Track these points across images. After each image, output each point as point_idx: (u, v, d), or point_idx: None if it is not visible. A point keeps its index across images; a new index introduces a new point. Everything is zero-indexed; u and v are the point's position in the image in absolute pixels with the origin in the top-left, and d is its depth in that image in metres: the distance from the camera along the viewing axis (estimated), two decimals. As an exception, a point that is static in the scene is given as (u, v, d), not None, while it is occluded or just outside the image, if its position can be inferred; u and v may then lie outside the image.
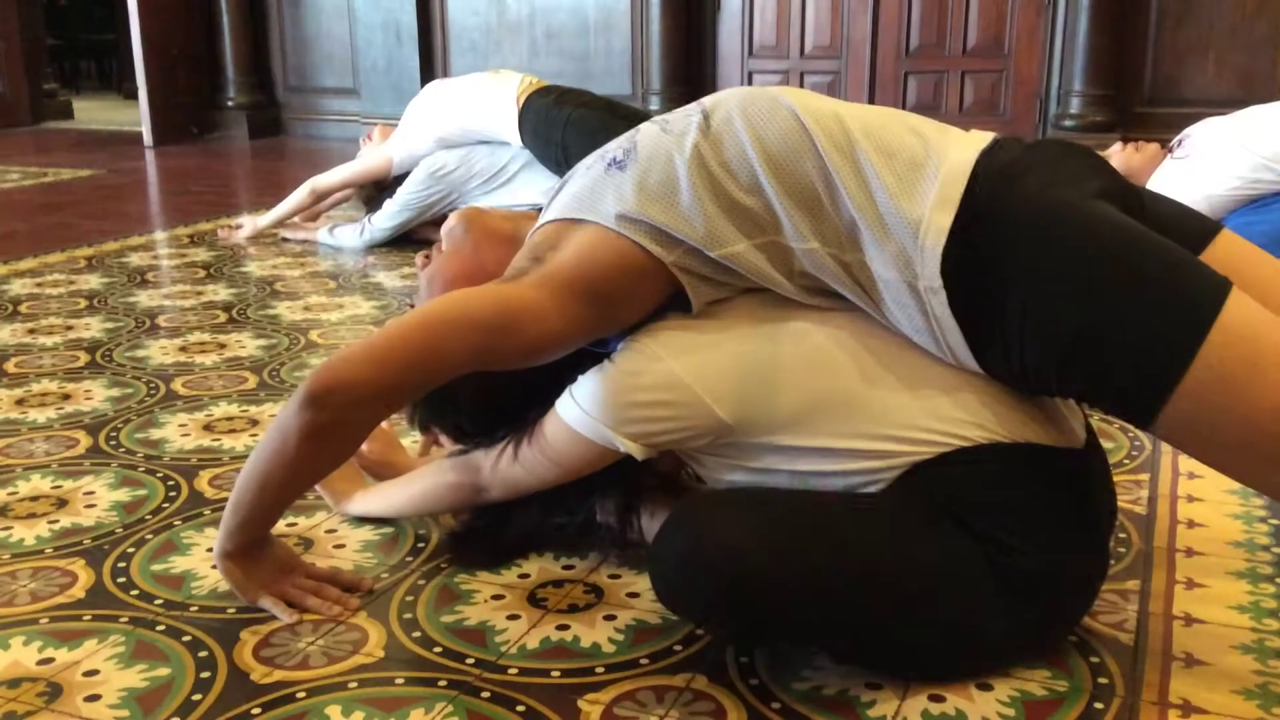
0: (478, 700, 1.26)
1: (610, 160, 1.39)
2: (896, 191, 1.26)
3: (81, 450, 2.01)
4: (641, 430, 1.35)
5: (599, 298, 1.32)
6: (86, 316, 2.90)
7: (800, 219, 1.29)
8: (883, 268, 1.27)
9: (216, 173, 5.65)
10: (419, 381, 1.33)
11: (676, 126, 1.38)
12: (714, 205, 1.31)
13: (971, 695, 1.26)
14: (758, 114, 1.34)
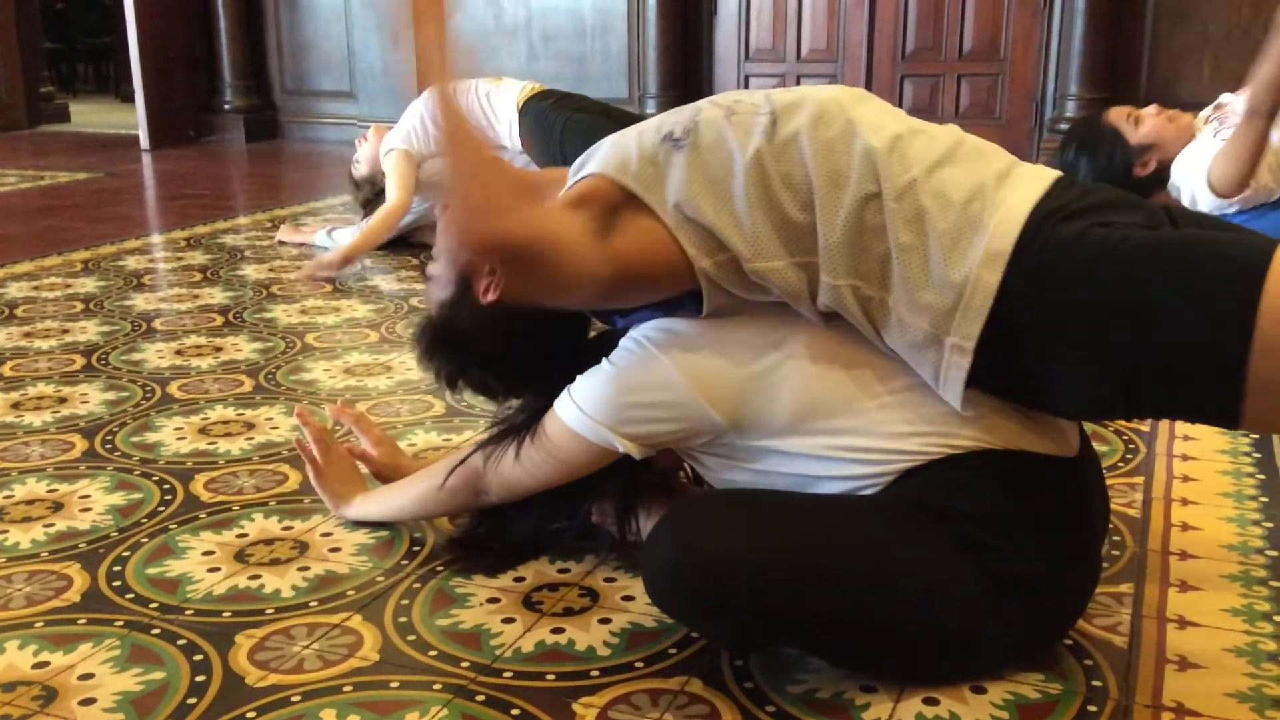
0: (472, 704, 1.26)
1: (667, 134, 1.34)
2: (948, 243, 1.22)
3: (77, 454, 2.01)
4: (639, 430, 1.36)
5: (633, 280, 1.33)
6: (83, 320, 2.90)
7: (841, 253, 1.26)
8: (910, 312, 1.24)
9: (213, 176, 5.65)
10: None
11: (741, 121, 1.33)
12: (765, 217, 1.28)
13: (965, 698, 1.27)
14: (826, 141, 1.28)
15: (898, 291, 1.25)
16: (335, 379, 2.41)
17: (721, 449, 1.37)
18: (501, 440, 1.49)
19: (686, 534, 1.23)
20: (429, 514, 1.66)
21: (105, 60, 10.67)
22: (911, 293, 1.24)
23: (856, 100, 1.34)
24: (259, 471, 1.92)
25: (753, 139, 1.30)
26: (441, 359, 1.52)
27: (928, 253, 1.23)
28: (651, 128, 1.38)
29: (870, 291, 1.26)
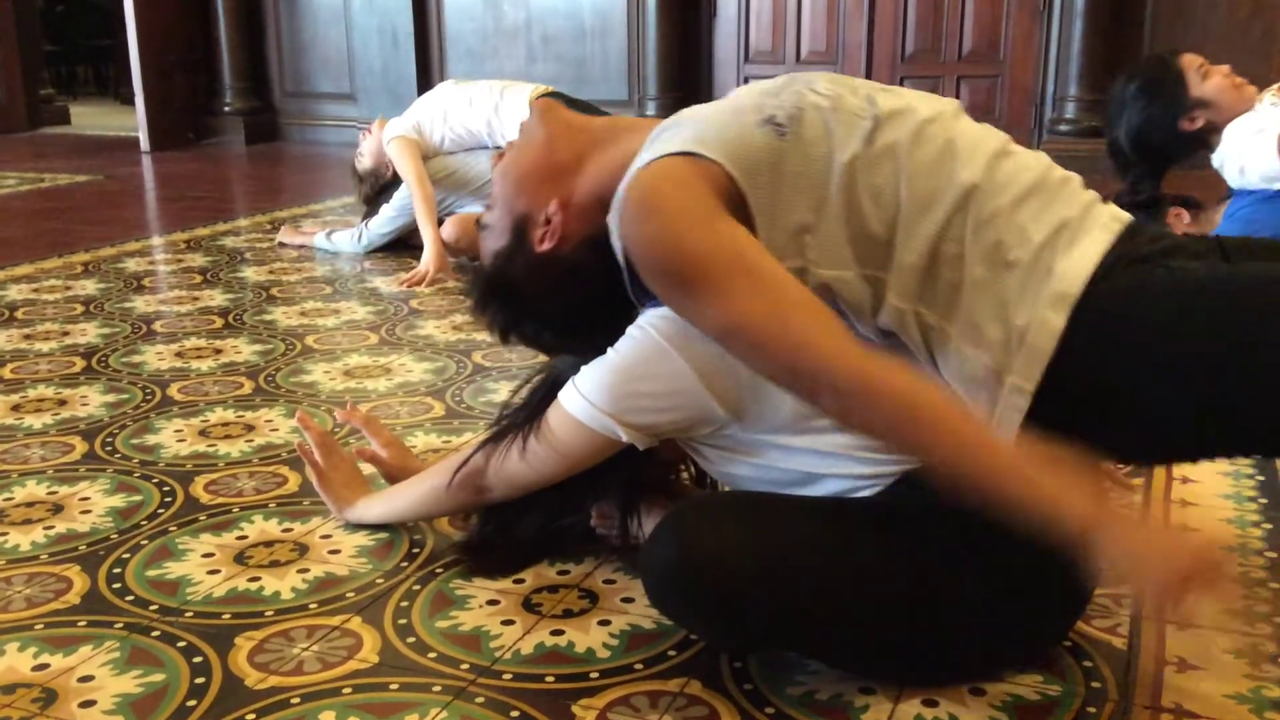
0: (472, 706, 1.26)
1: (769, 118, 1.25)
2: (1020, 282, 1.19)
3: (77, 456, 2.01)
4: (642, 420, 1.36)
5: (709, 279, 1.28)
6: (83, 322, 2.90)
7: (913, 277, 1.22)
8: (971, 346, 1.21)
9: (213, 178, 5.65)
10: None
11: (844, 120, 1.26)
12: (843, 225, 1.23)
13: (964, 700, 1.27)
14: (923, 162, 1.23)
15: (961, 323, 1.22)
16: (335, 381, 2.41)
17: (723, 441, 1.37)
18: (504, 436, 1.49)
19: (686, 537, 1.23)
20: (432, 514, 1.66)
21: (105, 62, 10.67)
22: (977, 327, 1.21)
23: (955, 115, 1.30)
24: (259, 473, 1.92)
25: (850, 144, 1.24)
26: (495, 310, 1.46)
27: (999, 289, 1.20)
28: (751, 106, 1.28)
29: (933, 320, 1.23)
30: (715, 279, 1.17)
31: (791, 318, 1.15)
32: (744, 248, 1.19)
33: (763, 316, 1.16)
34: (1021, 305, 1.19)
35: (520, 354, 2.59)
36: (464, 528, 1.68)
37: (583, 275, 1.37)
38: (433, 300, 3.12)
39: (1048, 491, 1.08)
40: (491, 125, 3.58)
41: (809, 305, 1.17)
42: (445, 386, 2.37)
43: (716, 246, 1.18)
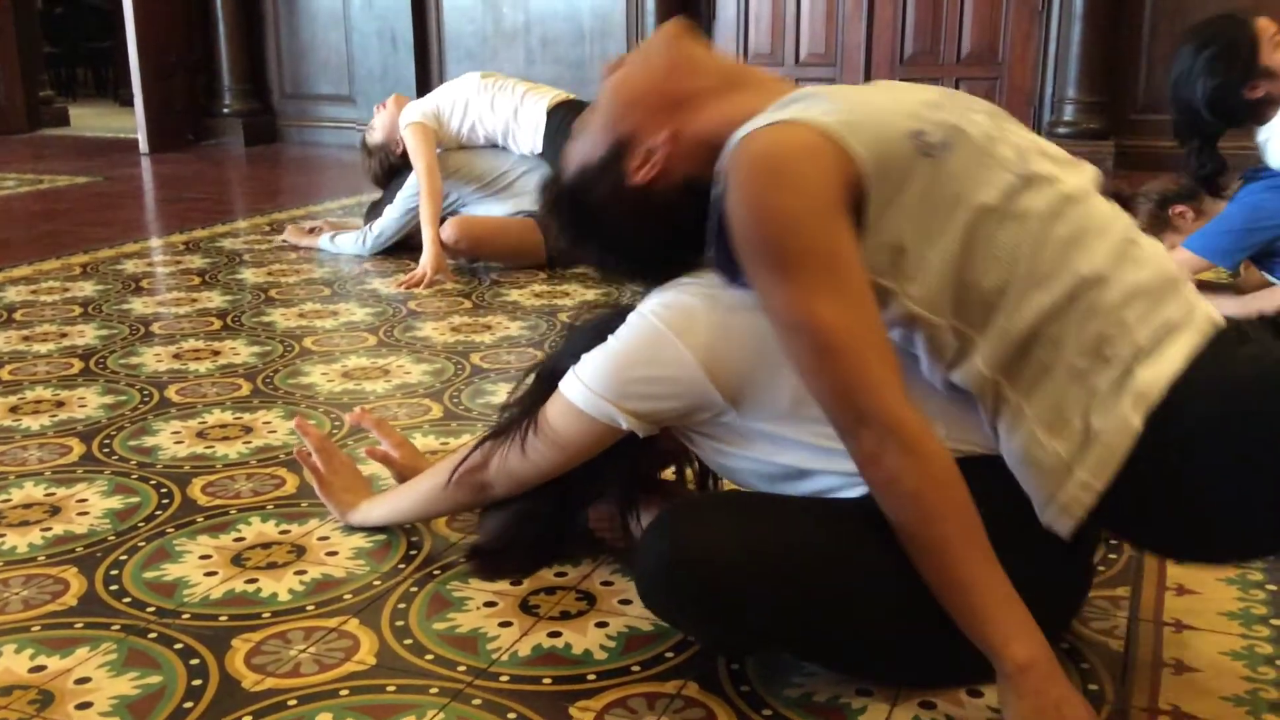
0: (469, 708, 1.26)
1: (920, 133, 1.19)
2: (1114, 378, 1.17)
3: (75, 457, 2.01)
4: (642, 407, 1.35)
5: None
6: (81, 323, 2.90)
7: (1008, 350, 1.19)
8: (1046, 432, 1.18)
9: (212, 180, 5.65)
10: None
11: (990, 164, 1.20)
12: (952, 270, 1.18)
13: (961, 701, 1.27)
14: (1056, 239, 1.19)
15: (1042, 407, 1.18)
16: (333, 382, 2.41)
17: (720, 430, 1.37)
18: (505, 431, 1.49)
19: (677, 538, 1.23)
20: (436, 513, 1.66)
21: (104, 64, 10.68)
22: (1059, 415, 1.18)
23: (1092, 192, 1.25)
24: (256, 475, 1.92)
25: (990, 190, 1.18)
26: (565, 221, 1.41)
27: (1091, 383, 1.17)
28: (907, 112, 1.21)
29: (1013, 396, 1.19)
30: (809, 272, 1.15)
31: (866, 344, 1.15)
32: (848, 255, 1.15)
33: (840, 330, 1.14)
34: (1108, 403, 1.16)
35: (518, 356, 2.59)
36: (465, 531, 1.68)
37: (667, 216, 1.32)
38: (431, 302, 3.12)
39: (999, 628, 1.13)
40: (509, 128, 3.58)
41: (884, 343, 1.16)
42: (443, 388, 2.37)
43: (824, 242, 1.15)
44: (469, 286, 3.29)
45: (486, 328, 2.85)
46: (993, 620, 1.13)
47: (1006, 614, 1.13)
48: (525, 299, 3.14)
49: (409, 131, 3.54)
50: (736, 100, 1.29)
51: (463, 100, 3.61)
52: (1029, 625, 1.13)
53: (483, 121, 3.60)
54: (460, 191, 3.60)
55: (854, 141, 1.17)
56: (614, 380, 1.36)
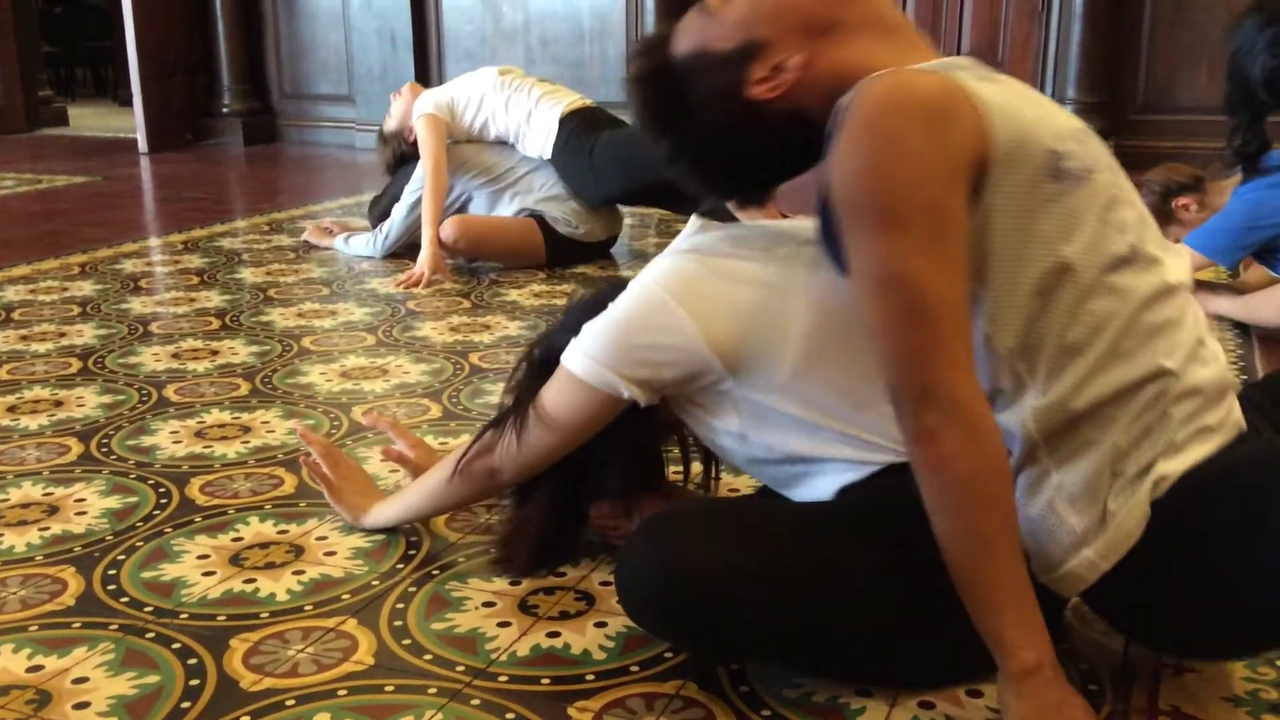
0: (467, 708, 1.26)
1: (1060, 154, 1.12)
2: (1144, 463, 1.16)
3: (73, 457, 2.01)
4: (643, 374, 1.34)
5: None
6: (79, 323, 2.90)
7: (1060, 418, 1.15)
8: (1067, 506, 1.16)
9: (211, 179, 5.65)
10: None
11: (1109, 220, 1.15)
12: (1033, 312, 1.14)
13: (961, 701, 1.27)
14: (1143, 328, 1.15)
15: (1071, 479, 1.16)
16: (332, 382, 2.41)
17: (720, 402, 1.35)
18: (505, 416, 1.48)
19: (657, 549, 1.21)
20: (447, 507, 1.64)
21: (104, 64, 10.67)
22: (1087, 491, 1.15)
23: (1186, 283, 1.21)
24: (255, 475, 1.92)
25: (1096, 250, 1.13)
26: (653, 99, 1.31)
27: (1120, 467, 1.15)
28: (1053, 129, 1.14)
29: (1046, 460, 1.17)
30: (918, 230, 1.08)
31: (953, 317, 1.09)
32: (959, 225, 1.09)
33: (932, 296, 1.08)
34: (1129, 489, 1.15)
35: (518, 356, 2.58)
36: (463, 530, 1.68)
37: (767, 140, 1.24)
38: (430, 301, 3.12)
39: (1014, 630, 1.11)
40: (520, 130, 3.57)
41: (968, 322, 1.11)
42: (442, 388, 2.37)
43: (943, 202, 1.08)
44: (468, 286, 3.29)
45: (485, 327, 2.85)
46: (1010, 621, 1.11)
47: (1024, 617, 1.11)
48: (524, 299, 3.14)
49: (421, 123, 3.52)
50: (883, 48, 1.20)
51: (478, 96, 3.60)
52: (1041, 629, 1.12)
53: (495, 120, 3.59)
54: (466, 185, 3.58)
55: (997, 120, 1.10)
56: (616, 347, 1.35)
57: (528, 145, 3.57)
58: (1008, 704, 1.13)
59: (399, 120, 3.74)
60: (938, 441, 1.09)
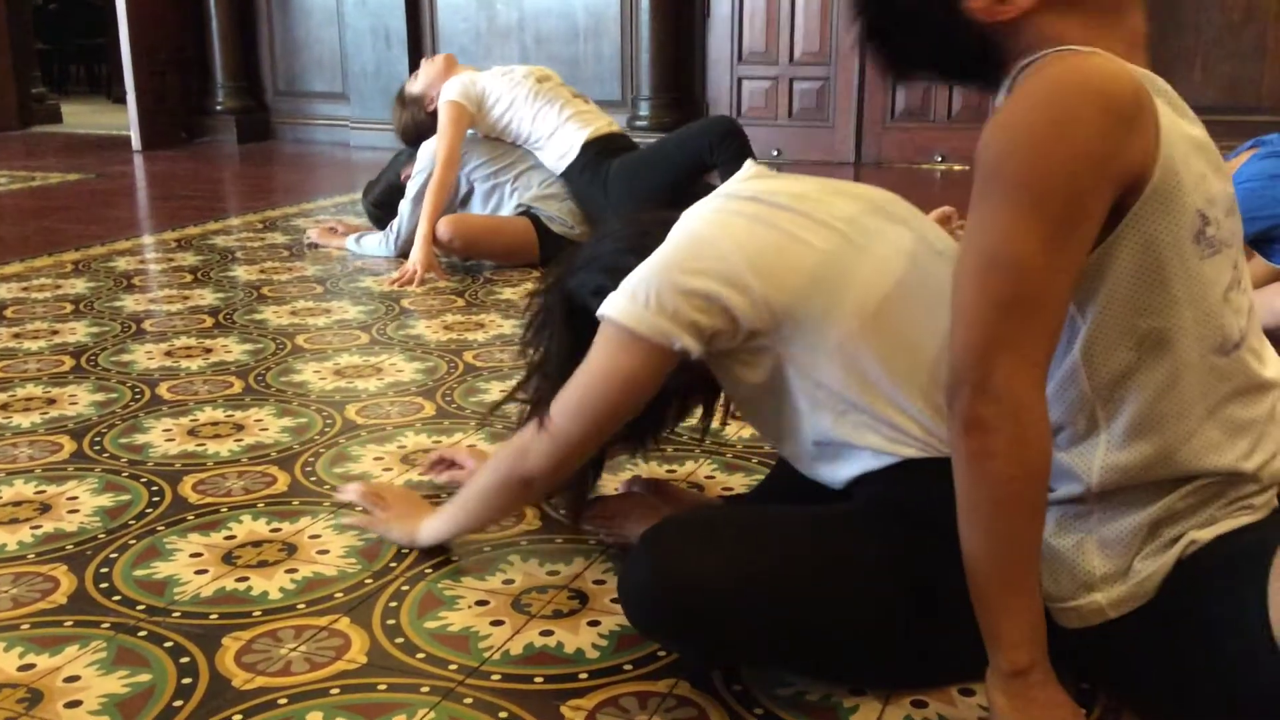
0: (460, 706, 1.26)
1: (1206, 219, 1.10)
2: (1177, 533, 1.15)
3: (65, 455, 2.00)
4: (699, 321, 1.28)
5: None
6: (72, 321, 2.89)
7: (1120, 479, 1.14)
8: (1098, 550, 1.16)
9: (205, 177, 5.63)
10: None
11: (1225, 308, 1.12)
12: (1125, 368, 1.12)
13: (953, 700, 1.27)
14: (1222, 433, 1.14)
15: (1109, 531, 1.16)
16: (325, 380, 2.41)
17: (760, 358, 1.31)
18: (536, 406, 1.41)
19: (660, 560, 1.20)
20: (491, 516, 1.57)
21: (97, 61, 10.65)
22: (1119, 544, 1.16)
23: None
24: (248, 473, 1.91)
25: (1220, 329, 1.11)
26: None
27: (1158, 531, 1.15)
28: (1207, 195, 1.10)
29: (1093, 503, 1.17)
30: (1052, 222, 1.03)
31: (1046, 319, 1.06)
32: (1091, 228, 1.05)
33: (1036, 292, 1.04)
34: (1159, 554, 1.15)
35: (511, 354, 2.59)
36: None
37: (962, 51, 1.18)
38: (424, 300, 3.12)
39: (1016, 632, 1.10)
40: (540, 143, 3.56)
41: (1058, 328, 1.08)
42: (436, 386, 2.37)
43: (1086, 202, 1.03)
44: (462, 284, 3.29)
45: (479, 326, 2.84)
46: (1015, 622, 1.10)
47: (1029, 619, 1.11)
48: (518, 297, 3.14)
49: (446, 107, 3.48)
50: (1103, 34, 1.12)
51: (509, 98, 3.56)
52: (1041, 632, 1.12)
53: (519, 125, 3.57)
54: (467, 174, 3.56)
55: (1170, 155, 1.07)
56: (671, 291, 1.28)
57: (543, 157, 3.57)
58: (995, 701, 1.13)
59: (424, 86, 3.66)
60: (986, 435, 1.06)
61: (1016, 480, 1.07)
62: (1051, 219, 1.03)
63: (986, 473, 1.07)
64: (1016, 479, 1.07)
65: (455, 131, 3.46)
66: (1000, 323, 1.05)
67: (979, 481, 1.08)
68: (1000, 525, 1.08)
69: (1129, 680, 1.22)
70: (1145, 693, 1.22)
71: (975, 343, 1.06)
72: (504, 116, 3.58)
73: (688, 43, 5.81)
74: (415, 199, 3.52)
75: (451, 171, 3.44)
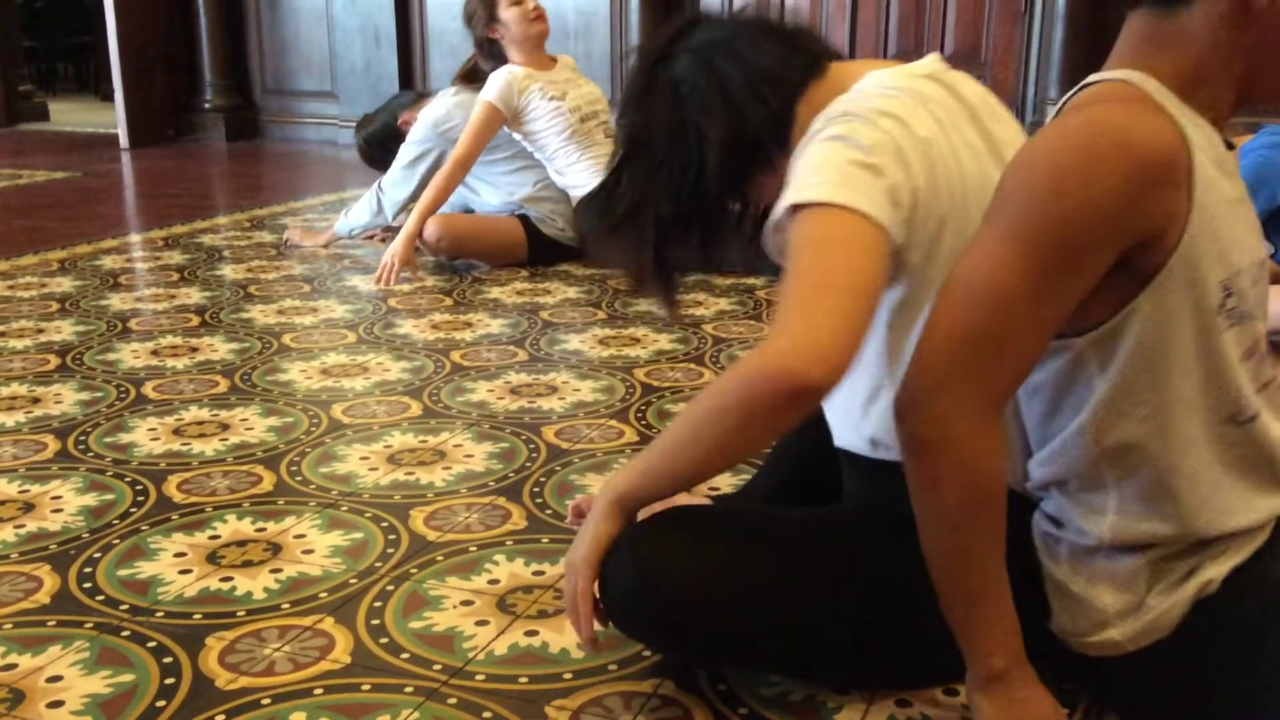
0: (444, 707, 1.26)
1: (1230, 292, 1.07)
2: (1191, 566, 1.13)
3: (50, 454, 1.99)
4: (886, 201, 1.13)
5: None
6: (58, 319, 2.88)
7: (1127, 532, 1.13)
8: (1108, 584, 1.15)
9: (193, 175, 5.62)
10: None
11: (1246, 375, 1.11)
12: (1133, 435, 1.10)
13: (937, 700, 1.27)
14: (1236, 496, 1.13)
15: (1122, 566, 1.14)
16: (312, 380, 2.40)
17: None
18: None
19: (639, 562, 1.19)
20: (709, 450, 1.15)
21: (85, 59, 10.59)
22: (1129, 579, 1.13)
23: None
24: (233, 473, 1.91)
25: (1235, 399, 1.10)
26: None
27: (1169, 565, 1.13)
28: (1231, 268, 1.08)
29: (1104, 548, 1.14)
30: (1042, 267, 1.01)
31: (1019, 356, 1.05)
32: (1080, 286, 1.03)
33: (1013, 328, 1.03)
34: (1174, 590, 1.13)
35: (499, 354, 2.58)
36: (441, 530, 1.67)
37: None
38: (411, 299, 3.11)
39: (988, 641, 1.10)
40: (554, 168, 3.49)
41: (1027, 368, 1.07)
42: (423, 386, 2.36)
43: (1080, 259, 1.01)
44: (450, 284, 3.28)
45: (467, 325, 2.84)
46: (984, 631, 1.11)
47: (1000, 627, 1.11)
48: (506, 296, 3.13)
49: (482, 107, 3.38)
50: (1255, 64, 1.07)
51: (545, 124, 3.44)
52: (1015, 637, 1.12)
53: (542, 146, 3.48)
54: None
55: (1204, 209, 1.04)
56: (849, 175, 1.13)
57: (565, 179, 3.50)
58: (976, 703, 1.13)
59: (484, 29, 3.48)
60: (933, 457, 1.06)
61: (966, 503, 1.07)
62: (1045, 264, 1.02)
63: (934, 494, 1.07)
64: (966, 501, 1.07)
65: (480, 134, 3.36)
66: (964, 351, 1.04)
67: (928, 502, 1.09)
68: (953, 541, 1.09)
69: (1145, 703, 1.21)
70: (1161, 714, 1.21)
71: (935, 366, 1.05)
72: (532, 135, 3.48)
73: (677, 43, 5.81)
74: (407, 167, 3.48)
75: (462, 172, 3.38)
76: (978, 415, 1.05)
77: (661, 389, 2.34)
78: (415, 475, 1.89)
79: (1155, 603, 1.13)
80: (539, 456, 1.98)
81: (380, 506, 1.78)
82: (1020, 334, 1.04)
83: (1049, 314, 1.04)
